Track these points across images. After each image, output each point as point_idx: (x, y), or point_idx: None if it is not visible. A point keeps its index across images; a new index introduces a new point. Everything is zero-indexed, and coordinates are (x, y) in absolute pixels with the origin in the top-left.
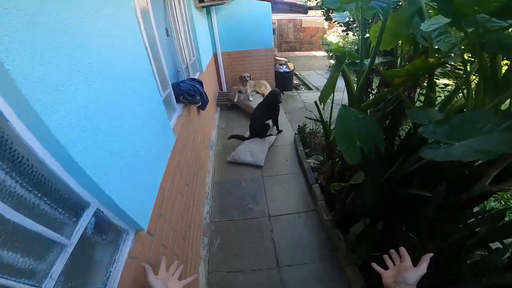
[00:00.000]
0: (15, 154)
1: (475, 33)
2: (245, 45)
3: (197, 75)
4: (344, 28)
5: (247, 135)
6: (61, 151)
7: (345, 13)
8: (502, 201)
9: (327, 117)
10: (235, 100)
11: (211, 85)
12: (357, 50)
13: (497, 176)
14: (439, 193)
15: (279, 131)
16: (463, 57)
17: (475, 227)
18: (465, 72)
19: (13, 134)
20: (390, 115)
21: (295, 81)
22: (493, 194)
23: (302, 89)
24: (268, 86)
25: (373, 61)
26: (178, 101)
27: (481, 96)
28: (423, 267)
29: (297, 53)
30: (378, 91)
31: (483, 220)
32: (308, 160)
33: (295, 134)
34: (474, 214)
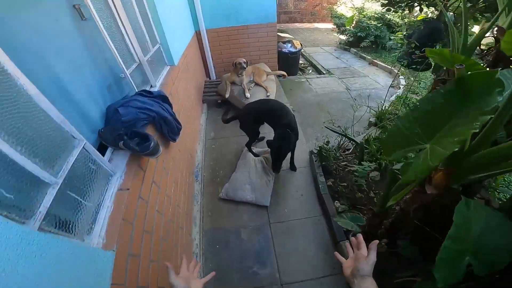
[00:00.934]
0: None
1: None
2: (239, 19)
3: (161, 77)
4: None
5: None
6: None
7: None
8: None
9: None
10: (227, 95)
11: (194, 76)
12: (377, 27)
13: None
14: None
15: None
16: None
17: None
18: None
19: None
20: None
21: (300, 61)
22: None
23: (309, 71)
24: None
25: None
26: (115, 148)
27: None
28: (372, 255)
29: (298, 25)
30: None
31: None
32: (335, 203)
33: (312, 153)
34: None
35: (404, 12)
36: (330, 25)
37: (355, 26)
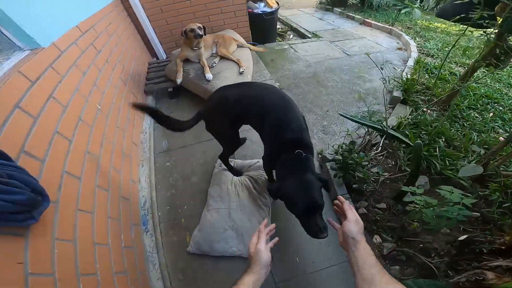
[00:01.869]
0: None
1: None
2: None
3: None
4: None
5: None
6: None
7: None
8: None
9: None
10: (178, 80)
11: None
12: None
13: None
14: None
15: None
16: None
17: None
18: None
19: None
20: None
21: (278, 26)
22: None
23: (290, 36)
24: (242, 41)
25: None
26: None
27: None
28: (350, 215)
29: None
30: None
31: None
32: (374, 239)
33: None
34: None
35: None
36: None
37: None
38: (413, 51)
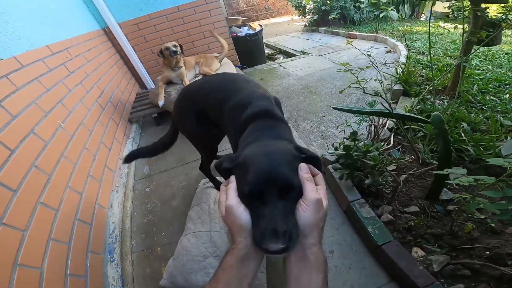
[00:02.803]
0: None
1: None
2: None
3: None
4: None
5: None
6: None
7: None
8: None
9: None
10: (160, 103)
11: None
12: None
13: None
14: None
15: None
16: None
17: None
18: None
19: None
20: None
21: (266, 50)
22: None
23: (280, 59)
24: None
25: None
26: None
27: None
28: (308, 190)
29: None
30: None
31: None
32: (413, 252)
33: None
34: None
35: None
36: (288, 17)
37: (316, 0)
38: (403, 51)
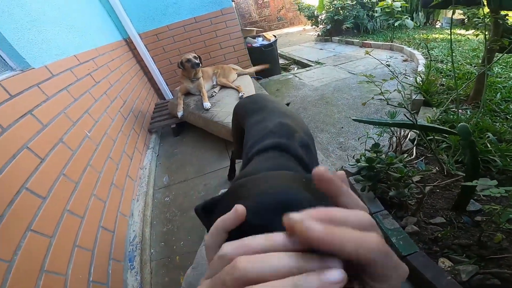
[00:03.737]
0: None
1: None
2: (181, 10)
3: None
4: None
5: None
6: None
7: None
8: None
9: None
10: (179, 114)
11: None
12: (352, 6)
13: None
14: None
15: None
16: None
17: None
18: None
19: None
20: None
21: (280, 61)
22: None
23: (295, 69)
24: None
25: None
26: None
27: None
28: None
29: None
30: None
31: None
32: (440, 262)
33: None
34: None
35: None
36: (300, 27)
37: (329, 10)
38: (420, 59)
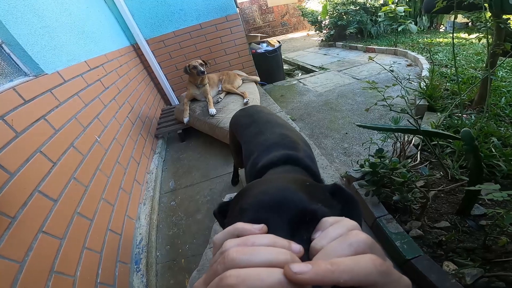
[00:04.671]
0: None
1: None
2: (187, 17)
3: None
4: None
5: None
6: None
7: None
8: None
9: None
10: (185, 119)
11: (132, 99)
12: (356, 11)
13: None
14: None
15: None
16: None
17: None
18: None
19: None
20: None
21: (285, 66)
22: None
23: (299, 75)
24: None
25: None
26: None
27: None
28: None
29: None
30: None
31: None
32: (445, 266)
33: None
34: None
35: None
36: (304, 33)
37: (332, 15)
38: (424, 64)
